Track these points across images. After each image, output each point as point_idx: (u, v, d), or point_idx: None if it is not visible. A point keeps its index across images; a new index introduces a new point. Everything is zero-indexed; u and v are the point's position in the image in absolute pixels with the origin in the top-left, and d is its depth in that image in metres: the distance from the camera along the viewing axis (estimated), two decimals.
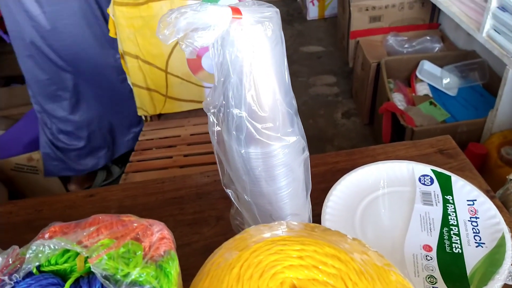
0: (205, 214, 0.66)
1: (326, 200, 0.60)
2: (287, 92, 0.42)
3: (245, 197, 0.47)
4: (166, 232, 0.31)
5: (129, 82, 1.30)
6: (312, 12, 2.92)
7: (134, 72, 1.26)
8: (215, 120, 0.42)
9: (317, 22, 2.94)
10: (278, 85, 0.40)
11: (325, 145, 1.93)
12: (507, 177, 0.66)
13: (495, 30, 1.32)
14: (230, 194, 0.48)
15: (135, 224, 0.29)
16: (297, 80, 2.37)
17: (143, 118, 1.39)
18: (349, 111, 2.10)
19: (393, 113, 1.54)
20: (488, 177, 1.29)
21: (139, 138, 1.32)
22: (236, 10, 0.36)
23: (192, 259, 0.46)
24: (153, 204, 0.68)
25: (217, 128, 0.43)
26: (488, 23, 1.34)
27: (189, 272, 0.40)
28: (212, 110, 0.42)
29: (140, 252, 0.27)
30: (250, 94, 0.39)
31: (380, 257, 0.31)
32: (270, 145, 0.43)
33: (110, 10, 1.21)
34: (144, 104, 1.33)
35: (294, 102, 0.43)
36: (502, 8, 1.26)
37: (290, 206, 0.50)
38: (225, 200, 0.67)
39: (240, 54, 0.37)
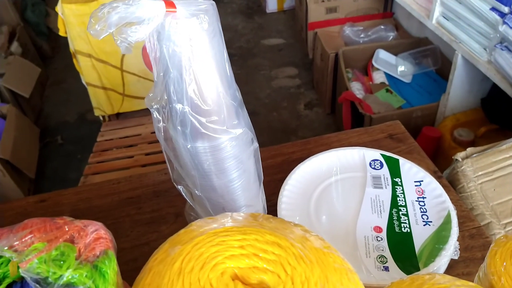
0: (163, 212, 0.66)
1: (281, 190, 0.61)
2: (230, 85, 0.42)
3: (196, 192, 0.47)
4: (103, 232, 0.30)
5: (83, 81, 1.26)
6: (271, 5, 2.93)
7: (88, 71, 1.22)
8: (158, 116, 0.42)
9: (277, 15, 2.95)
10: (220, 77, 0.40)
11: (289, 136, 1.95)
12: (453, 157, 0.69)
13: (444, 17, 1.37)
14: (181, 190, 0.48)
15: (68, 226, 0.28)
16: (259, 73, 2.38)
17: (101, 118, 1.36)
18: (312, 102, 2.13)
19: (352, 101, 1.58)
20: (443, 159, 1.35)
21: (98, 139, 1.29)
22: (169, 4, 0.35)
23: None
24: (108, 206, 0.67)
25: (162, 124, 0.43)
26: (437, 10, 1.39)
27: None
28: (155, 106, 0.41)
29: (73, 253, 0.26)
30: (192, 88, 0.39)
31: (320, 240, 0.32)
32: (217, 138, 0.43)
33: (58, 9, 1.17)
34: (101, 104, 1.29)
35: (238, 94, 0.44)
36: None
37: (243, 198, 0.50)
38: (183, 197, 0.66)
39: (178, 48, 0.37)
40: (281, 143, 0.76)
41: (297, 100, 2.16)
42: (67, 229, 0.28)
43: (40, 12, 2.55)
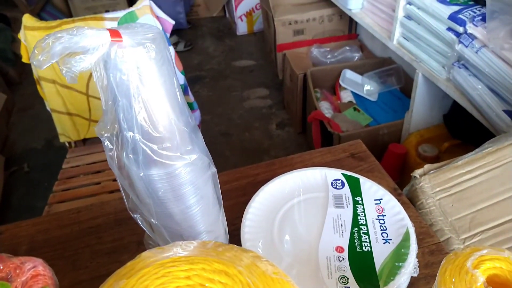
0: (125, 241, 0.64)
1: (245, 213, 0.61)
2: (182, 111, 0.42)
3: (152, 220, 0.46)
4: (41, 269, 0.29)
5: (47, 108, 1.23)
6: (241, 28, 2.98)
7: (52, 98, 1.20)
8: (110, 145, 0.41)
9: (247, 37, 3.00)
10: (170, 105, 0.40)
11: (262, 156, 1.96)
12: (411, 174, 0.70)
13: (404, 38, 1.43)
14: (137, 218, 0.47)
15: (3, 264, 0.27)
16: (231, 94, 2.40)
17: (66, 144, 1.33)
18: (283, 122, 2.15)
19: (321, 120, 1.60)
20: (409, 174, 1.38)
21: (63, 166, 1.26)
22: (115, 33, 0.35)
23: None
24: (68, 236, 0.65)
25: (114, 153, 0.42)
26: (398, 31, 1.44)
27: None
28: (106, 135, 0.41)
29: None
30: (142, 116, 0.39)
31: (270, 266, 0.32)
32: (171, 165, 0.42)
33: (21, 35, 1.15)
34: (66, 130, 1.27)
35: (191, 120, 0.44)
36: (408, 16, 1.37)
37: (202, 224, 0.49)
38: None
39: (125, 77, 0.37)
40: (254, 163, 0.76)
41: (269, 120, 2.18)
42: (1, 267, 0.27)
43: (6, 38, 2.50)
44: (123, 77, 0.37)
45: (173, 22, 1.22)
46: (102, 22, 1.14)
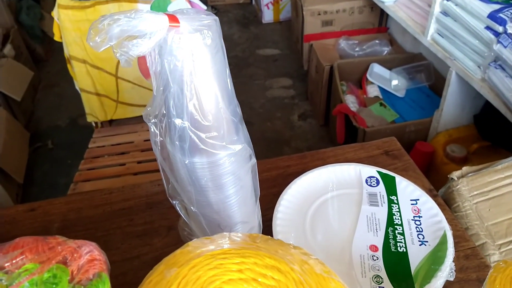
0: (155, 225, 0.65)
1: (277, 205, 0.60)
2: (231, 100, 0.41)
3: (192, 208, 0.46)
4: (97, 253, 0.29)
5: (76, 87, 1.25)
6: (267, 16, 2.95)
7: (82, 77, 1.21)
8: (156, 130, 0.41)
9: (272, 25, 2.97)
10: (221, 93, 0.40)
11: (282, 146, 1.95)
12: (448, 176, 0.69)
13: (438, 34, 1.39)
14: (176, 205, 0.47)
15: (61, 247, 0.27)
16: (254, 83, 2.38)
17: (93, 124, 1.34)
18: (305, 113, 2.14)
19: (346, 114, 1.58)
20: (435, 174, 1.36)
21: (89, 146, 1.27)
22: (173, 18, 0.35)
23: (142, 272, 0.44)
24: (99, 217, 0.66)
25: (159, 139, 0.42)
26: (432, 27, 1.40)
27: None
28: (153, 120, 0.41)
29: (66, 276, 0.25)
30: (192, 103, 0.38)
31: (320, 264, 0.31)
32: (216, 154, 0.42)
33: (54, 14, 1.16)
34: (94, 110, 1.28)
35: (239, 110, 0.43)
36: (445, 13, 1.33)
37: (239, 214, 0.49)
38: (176, 209, 0.65)
39: (179, 63, 0.36)
40: (275, 153, 0.76)
41: (291, 110, 2.16)
42: (60, 250, 0.27)
43: (35, 15, 2.53)
44: (177, 64, 0.36)
45: (205, 7, 1.21)
46: (135, 4, 1.14)
